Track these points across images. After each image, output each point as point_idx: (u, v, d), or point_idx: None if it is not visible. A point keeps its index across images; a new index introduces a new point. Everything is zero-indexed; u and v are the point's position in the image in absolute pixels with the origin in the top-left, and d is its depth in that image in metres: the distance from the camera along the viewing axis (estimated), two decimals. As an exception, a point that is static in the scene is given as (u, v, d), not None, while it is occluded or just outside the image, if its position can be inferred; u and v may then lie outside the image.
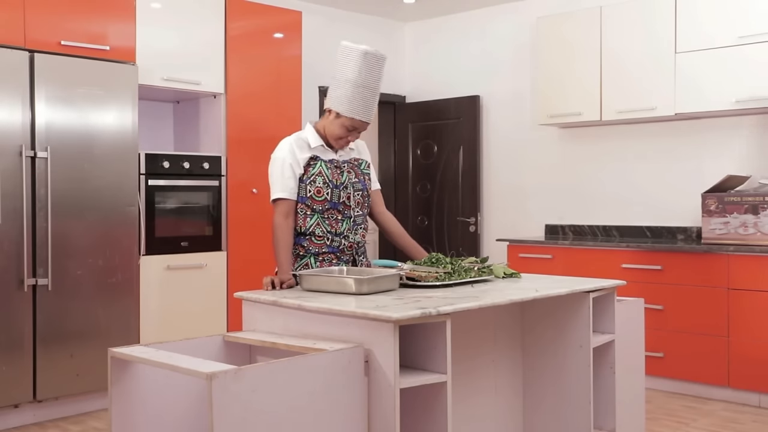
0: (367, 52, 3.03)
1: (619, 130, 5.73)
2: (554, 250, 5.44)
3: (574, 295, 2.91)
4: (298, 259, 3.07)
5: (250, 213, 5.28)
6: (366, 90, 3.04)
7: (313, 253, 3.07)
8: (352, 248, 3.14)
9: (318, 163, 3.07)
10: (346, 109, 3.02)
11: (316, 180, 3.05)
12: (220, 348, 2.60)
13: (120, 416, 2.35)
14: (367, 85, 3.04)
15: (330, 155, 3.12)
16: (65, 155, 4.35)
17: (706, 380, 4.75)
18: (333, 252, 3.09)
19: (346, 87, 3.02)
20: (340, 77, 3.03)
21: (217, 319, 5.09)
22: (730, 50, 4.85)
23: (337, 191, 3.07)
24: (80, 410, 4.48)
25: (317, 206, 3.06)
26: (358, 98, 3.02)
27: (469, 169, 6.58)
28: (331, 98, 3.07)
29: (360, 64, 3.01)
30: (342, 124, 3.05)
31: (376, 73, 3.07)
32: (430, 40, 6.94)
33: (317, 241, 3.07)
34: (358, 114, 3.04)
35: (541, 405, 3.07)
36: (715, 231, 4.81)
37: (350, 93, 3.01)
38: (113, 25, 4.68)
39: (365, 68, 3.02)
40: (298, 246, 3.08)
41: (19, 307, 4.19)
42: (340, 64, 3.04)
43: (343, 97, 3.02)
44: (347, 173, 3.12)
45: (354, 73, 3.00)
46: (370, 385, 2.32)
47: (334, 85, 3.06)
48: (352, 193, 3.12)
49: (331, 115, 3.06)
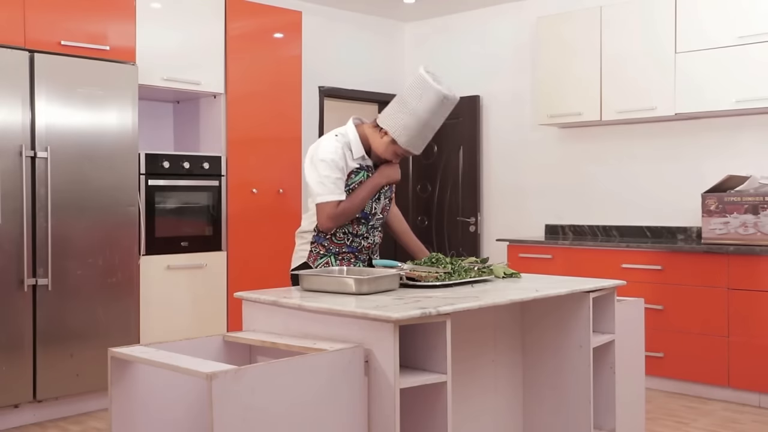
0: (446, 96, 2.94)
1: (619, 130, 5.73)
2: (554, 250, 5.44)
3: (574, 295, 2.91)
4: (319, 258, 3.10)
5: (250, 213, 5.28)
6: (429, 129, 3.01)
7: (334, 252, 3.10)
8: (370, 248, 3.20)
9: (362, 173, 3.07)
10: (405, 141, 2.99)
11: (356, 188, 3.05)
12: (220, 348, 2.60)
13: (120, 416, 2.35)
14: (432, 125, 3.01)
15: (368, 163, 3.11)
16: (65, 155, 4.35)
17: (706, 380, 4.75)
18: (352, 252, 3.13)
19: (412, 121, 2.96)
20: (410, 107, 2.95)
21: (217, 319, 5.09)
22: (730, 50, 4.85)
23: (371, 202, 3.09)
24: (80, 410, 4.48)
25: None
26: (420, 135, 3.00)
27: (469, 169, 6.58)
28: (392, 122, 2.99)
29: (435, 105, 2.94)
30: (395, 151, 3.04)
31: (443, 116, 3.02)
32: (430, 40, 6.94)
33: (338, 241, 3.10)
34: (414, 148, 3.03)
35: (541, 405, 3.07)
36: (715, 231, 4.81)
37: (416, 128, 2.97)
38: (113, 25, 4.68)
39: (438, 110, 2.97)
40: (318, 245, 3.10)
41: (19, 307, 4.19)
42: (414, 94, 2.95)
43: (407, 129, 2.97)
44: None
45: (425, 112, 2.94)
46: (370, 385, 2.32)
47: (400, 110, 2.98)
48: (382, 198, 3.15)
49: (386, 136, 3.01)
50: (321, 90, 6.38)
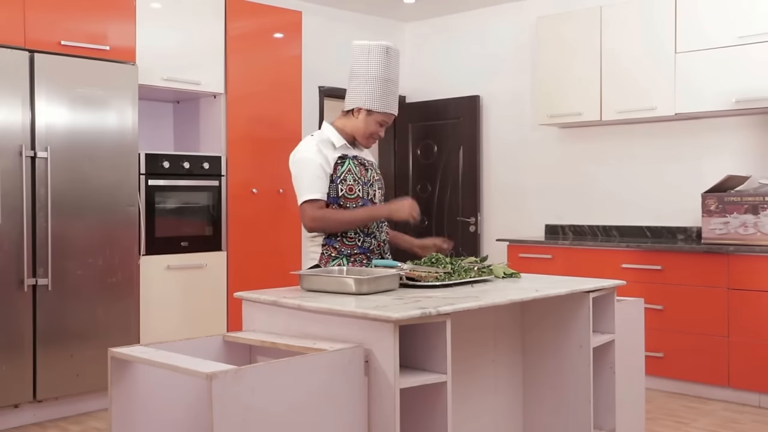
0: (388, 47, 3.08)
1: (619, 130, 5.73)
2: (554, 250, 5.44)
3: (574, 295, 2.91)
4: (331, 260, 3.05)
5: (250, 213, 5.28)
6: (391, 84, 3.09)
7: (346, 254, 3.05)
8: (381, 247, 3.16)
9: (347, 161, 3.07)
10: (378, 104, 3.06)
11: (347, 178, 3.04)
12: (220, 348, 2.60)
13: (120, 416, 2.35)
14: (392, 79, 3.09)
15: (354, 153, 3.14)
16: (65, 155, 4.35)
17: (706, 380, 4.75)
18: (364, 252, 3.08)
19: (372, 84, 3.05)
20: (363, 75, 3.06)
21: (217, 319, 5.09)
22: (730, 50, 4.85)
23: (366, 188, 3.09)
24: (80, 410, 4.48)
25: (350, 204, 3.03)
26: (386, 93, 3.07)
27: (469, 169, 6.58)
28: (357, 97, 3.08)
29: (383, 59, 3.06)
30: (375, 120, 3.09)
31: (396, 67, 3.12)
32: (430, 40, 6.94)
33: (349, 243, 3.06)
34: (389, 107, 3.09)
35: (541, 405, 3.07)
36: (715, 231, 4.81)
37: (380, 89, 3.05)
38: (113, 25, 4.68)
39: (388, 63, 3.07)
40: (329, 247, 3.05)
41: (19, 307, 4.19)
42: (360, 62, 3.07)
43: (372, 94, 3.05)
44: (370, 170, 3.16)
45: (379, 69, 3.05)
46: (370, 385, 2.32)
47: (358, 84, 3.08)
48: (376, 190, 3.16)
49: (360, 113, 3.08)
50: (321, 90, 6.38)
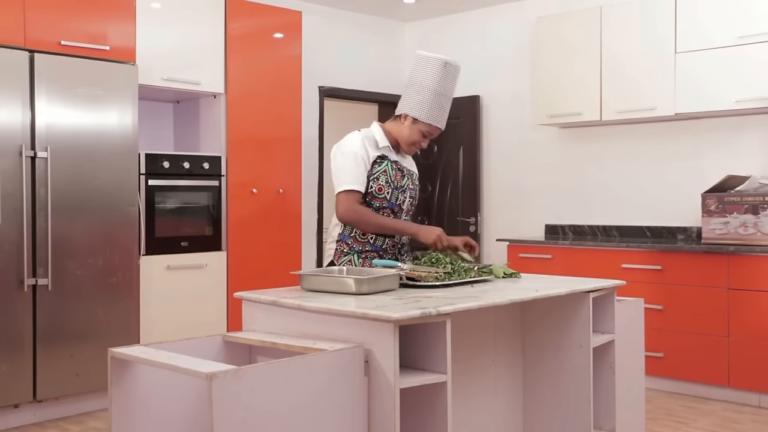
0: (447, 62, 3.11)
1: (619, 130, 5.73)
2: (554, 250, 5.44)
3: (574, 295, 2.91)
4: (342, 256, 3.11)
5: (250, 213, 5.28)
6: (443, 98, 3.13)
7: (357, 251, 3.11)
8: (395, 247, 3.18)
9: (385, 162, 3.12)
10: (425, 115, 3.10)
11: (380, 178, 3.10)
12: (220, 348, 2.60)
13: (120, 416, 2.35)
14: (445, 93, 3.13)
15: (394, 157, 3.18)
16: (65, 155, 4.35)
17: (706, 380, 4.75)
18: (376, 251, 3.12)
19: (425, 94, 3.09)
20: (418, 84, 3.10)
21: (217, 319, 5.09)
22: (730, 50, 4.85)
23: (396, 193, 3.13)
24: (80, 410, 4.48)
25: (375, 203, 3.09)
26: (436, 106, 3.11)
27: (469, 169, 6.58)
28: (407, 104, 3.13)
29: (440, 72, 3.09)
30: (419, 130, 3.13)
31: (452, 83, 3.16)
32: (430, 40, 6.93)
33: (361, 239, 3.11)
34: (436, 120, 3.12)
35: (541, 405, 3.07)
36: (715, 231, 4.81)
37: (430, 100, 3.09)
38: (113, 25, 4.68)
39: (444, 77, 3.11)
40: (342, 243, 3.13)
41: (19, 307, 4.19)
42: (418, 72, 3.12)
43: (422, 104, 3.09)
44: (407, 178, 3.20)
45: (434, 82, 3.09)
46: (370, 385, 2.32)
47: (411, 92, 3.13)
48: (407, 197, 3.20)
49: (407, 120, 3.13)
50: (321, 90, 6.38)
